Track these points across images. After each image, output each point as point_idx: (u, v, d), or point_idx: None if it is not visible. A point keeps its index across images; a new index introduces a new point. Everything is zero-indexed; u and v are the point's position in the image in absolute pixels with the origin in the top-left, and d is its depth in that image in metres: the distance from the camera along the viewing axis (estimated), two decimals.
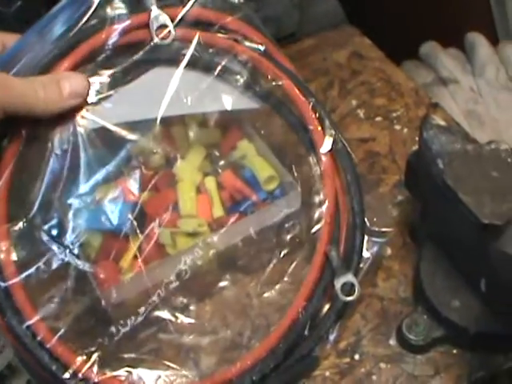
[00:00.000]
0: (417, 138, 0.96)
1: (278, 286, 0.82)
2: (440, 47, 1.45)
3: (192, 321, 0.80)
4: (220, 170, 0.85)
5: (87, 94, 0.69)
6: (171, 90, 0.73)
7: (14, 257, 0.68)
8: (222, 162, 0.85)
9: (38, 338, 0.66)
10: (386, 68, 1.12)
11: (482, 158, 0.73)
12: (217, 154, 0.86)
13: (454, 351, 0.78)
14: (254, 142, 0.86)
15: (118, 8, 0.72)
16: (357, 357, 0.78)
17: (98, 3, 0.70)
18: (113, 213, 0.79)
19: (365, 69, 1.12)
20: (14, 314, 0.66)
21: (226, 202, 0.83)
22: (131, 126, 0.74)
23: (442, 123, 0.77)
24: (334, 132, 0.75)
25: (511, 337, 0.75)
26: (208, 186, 0.84)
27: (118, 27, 0.71)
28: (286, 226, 0.81)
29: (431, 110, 1.04)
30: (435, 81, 1.39)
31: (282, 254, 0.84)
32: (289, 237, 0.83)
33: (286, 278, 0.83)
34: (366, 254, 0.76)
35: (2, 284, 0.66)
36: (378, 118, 1.03)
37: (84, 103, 0.70)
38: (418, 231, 0.85)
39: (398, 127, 1.02)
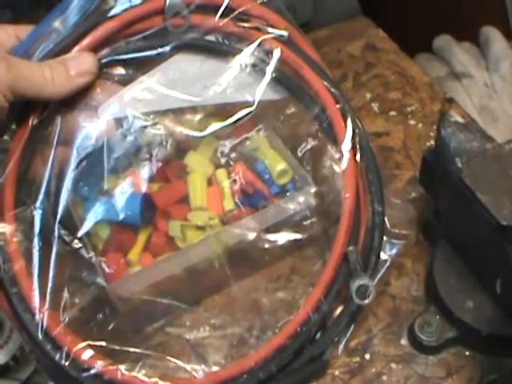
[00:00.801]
0: (431, 134, 0.97)
1: (290, 284, 0.82)
2: (454, 41, 1.44)
3: (200, 315, 0.80)
4: (232, 162, 0.83)
5: (96, 72, 0.68)
6: (189, 80, 0.72)
7: (20, 244, 0.66)
8: (233, 154, 0.84)
9: (43, 326, 0.65)
10: (400, 61, 1.10)
11: (502, 157, 0.72)
12: (229, 145, 0.85)
13: (467, 353, 0.77)
14: (267, 134, 0.85)
15: None
16: (367, 356, 0.77)
17: None
18: (122, 204, 0.78)
19: (379, 61, 1.10)
20: (19, 302, 0.65)
21: (237, 195, 0.82)
22: (142, 115, 0.73)
23: (461, 120, 0.75)
24: (357, 128, 0.73)
25: None
26: (219, 178, 0.83)
27: (133, 13, 0.70)
28: (304, 223, 0.80)
29: (446, 105, 1.02)
30: (449, 75, 1.37)
31: (296, 252, 0.83)
32: (305, 234, 0.82)
33: (299, 276, 0.82)
34: (383, 256, 0.74)
35: (9, 271, 0.65)
36: (393, 113, 1.02)
37: (96, 90, 0.69)
38: (431, 229, 0.84)
39: (412, 122, 1.00)
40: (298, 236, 0.81)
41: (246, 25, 0.73)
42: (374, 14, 1.20)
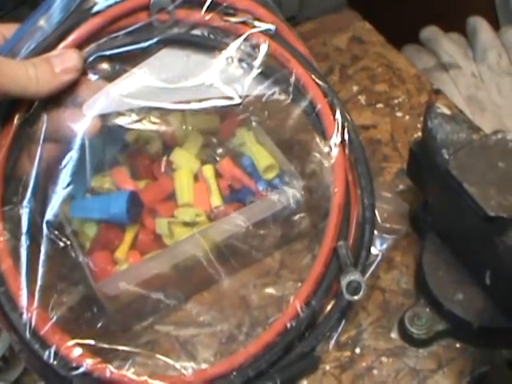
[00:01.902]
0: (419, 126, 0.96)
1: (279, 279, 0.81)
2: (441, 32, 1.43)
3: (189, 313, 0.80)
4: (218, 158, 0.83)
5: (81, 69, 0.67)
6: (175, 75, 0.71)
7: (8, 243, 0.66)
8: (220, 150, 0.83)
9: (31, 326, 0.64)
10: (386, 53, 1.10)
11: (488, 148, 0.72)
12: (215, 141, 0.84)
13: (457, 345, 0.77)
14: (254, 130, 0.84)
15: None
16: (358, 350, 0.77)
17: None
18: (108, 202, 0.78)
19: (365, 54, 1.10)
20: (7, 301, 0.65)
21: (224, 191, 0.82)
22: (127, 112, 0.72)
23: (447, 112, 0.75)
24: (346, 122, 0.72)
25: None
26: (206, 174, 0.82)
27: (118, 9, 0.69)
28: (292, 218, 0.80)
29: (433, 96, 1.02)
30: (436, 66, 1.37)
31: (285, 247, 0.84)
32: (295, 229, 0.82)
33: (288, 271, 0.82)
34: (374, 250, 0.73)
35: None
36: (380, 105, 1.02)
37: (81, 86, 0.68)
38: (420, 221, 0.84)
39: (399, 114, 1.00)
40: (287, 231, 0.81)
41: (232, 19, 0.72)
42: (359, 6, 1.19)
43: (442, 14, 1.46)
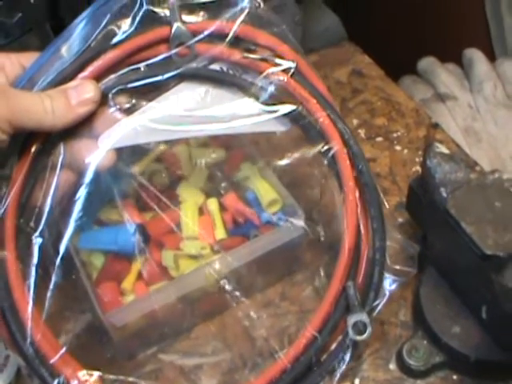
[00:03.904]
0: (417, 160, 0.98)
1: (280, 310, 0.83)
2: (438, 63, 1.45)
3: (193, 342, 0.81)
4: (223, 192, 0.85)
5: (98, 101, 0.67)
6: (192, 110, 0.71)
7: (21, 271, 0.66)
8: (224, 184, 0.85)
9: (40, 354, 0.65)
10: (386, 87, 1.12)
11: (485, 187, 0.74)
12: (220, 174, 0.86)
13: (454, 377, 0.78)
14: (258, 164, 0.86)
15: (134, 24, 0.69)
16: (357, 381, 0.78)
17: (115, 18, 0.68)
18: (116, 234, 0.79)
19: (365, 87, 1.12)
20: (18, 329, 0.65)
21: (228, 224, 0.83)
22: (141, 145, 0.74)
23: (446, 151, 0.77)
24: (362, 164, 0.72)
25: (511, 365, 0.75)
26: (210, 207, 0.84)
27: (138, 42, 0.69)
28: (296, 252, 0.81)
29: (431, 130, 1.04)
30: (434, 97, 1.39)
31: (286, 278, 0.85)
32: (297, 262, 0.83)
33: (288, 302, 0.84)
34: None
35: (9, 299, 0.65)
36: (379, 139, 1.04)
37: (98, 118, 0.68)
38: (418, 255, 0.85)
39: (398, 148, 1.02)
40: (289, 263, 0.82)
41: (252, 56, 0.71)
42: (357, 38, 1.21)
43: (438, 44, 1.48)
